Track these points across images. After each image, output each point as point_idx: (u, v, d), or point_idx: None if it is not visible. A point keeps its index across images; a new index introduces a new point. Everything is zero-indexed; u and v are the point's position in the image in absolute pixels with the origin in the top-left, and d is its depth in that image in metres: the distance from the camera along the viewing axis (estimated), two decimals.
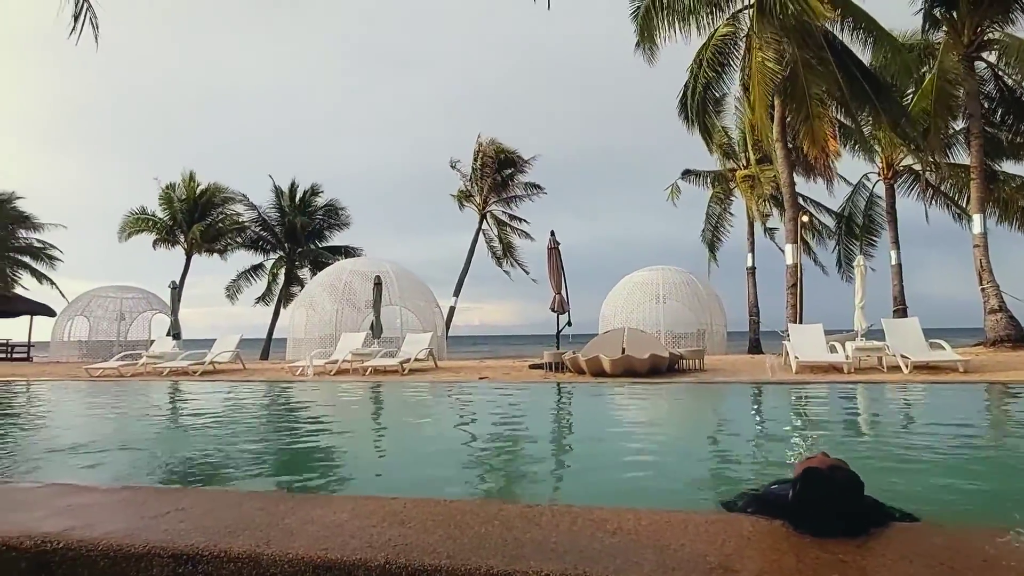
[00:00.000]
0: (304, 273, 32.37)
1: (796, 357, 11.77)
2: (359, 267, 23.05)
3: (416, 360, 14.61)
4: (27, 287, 31.81)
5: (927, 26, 19.21)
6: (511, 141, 32.21)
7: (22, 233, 31.65)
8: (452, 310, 30.42)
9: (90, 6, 6.49)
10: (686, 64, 19.28)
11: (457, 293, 31.36)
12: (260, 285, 32.77)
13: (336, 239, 33.66)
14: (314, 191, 32.98)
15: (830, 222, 26.50)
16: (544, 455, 5.21)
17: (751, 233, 25.73)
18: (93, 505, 2.13)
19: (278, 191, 32.50)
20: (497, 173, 31.73)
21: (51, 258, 31.98)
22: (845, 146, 21.28)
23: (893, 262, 22.55)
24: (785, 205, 18.40)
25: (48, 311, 31.22)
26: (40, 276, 31.62)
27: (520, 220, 33.10)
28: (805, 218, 21.60)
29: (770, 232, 26.70)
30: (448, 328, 27.77)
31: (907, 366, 11.01)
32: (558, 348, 14.05)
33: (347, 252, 32.06)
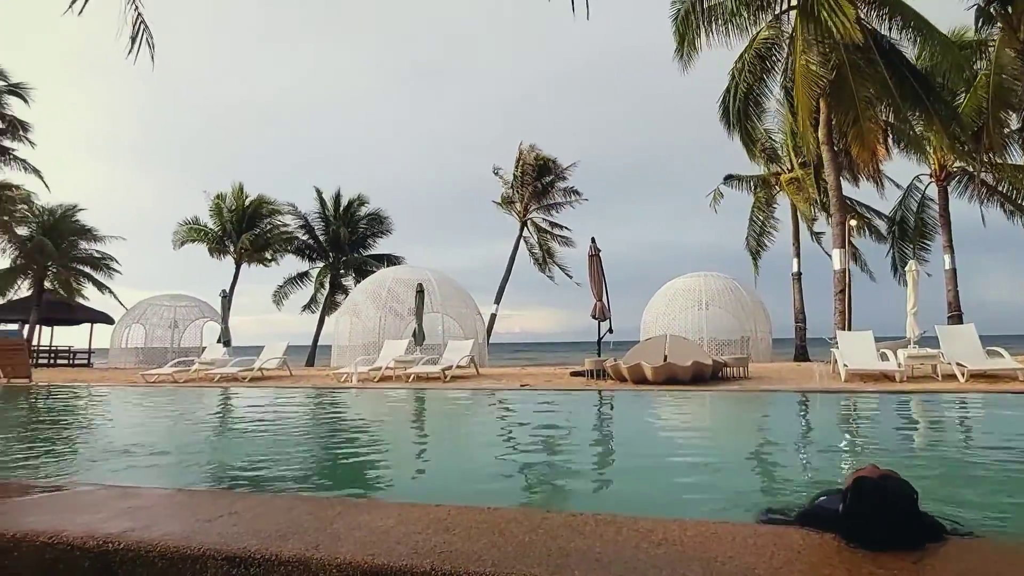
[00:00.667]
0: (348, 281, 32.96)
1: (845, 365, 11.44)
2: (401, 275, 23.35)
3: (458, 367, 14.72)
4: (88, 296, 33.23)
5: (980, 22, 18.54)
6: (551, 149, 32.40)
7: (83, 245, 33.08)
8: (493, 317, 30.55)
9: (147, 27, 6.77)
10: (727, 68, 19.04)
11: (498, 300, 31.50)
12: (306, 293, 33.52)
13: (379, 247, 34.24)
14: (360, 201, 33.61)
15: (881, 226, 25.72)
16: (587, 463, 5.18)
17: (796, 238, 25.16)
18: (151, 507, 2.21)
19: (322, 201, 33.23)
20: (537, 180, 31.84)
21: (110, 268, 33.32)
22: (898, 147, 20.66)
23: (947, 267, 21.75)
24: (832, 209, 17.93)
25: (107, 319, 32.56)
26: (100, 286, 32.95)
27: (560, 227, 33.13)
28: (853, 222, 20.98)
29: (817, 236, 26.06)
30: (489, 335, 27.88)
31: (963, 375, 10.58)
32: (599, 355, 13.96)
33: (390, 260, 32.53)
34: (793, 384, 11.27)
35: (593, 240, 15.69)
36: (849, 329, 15.91)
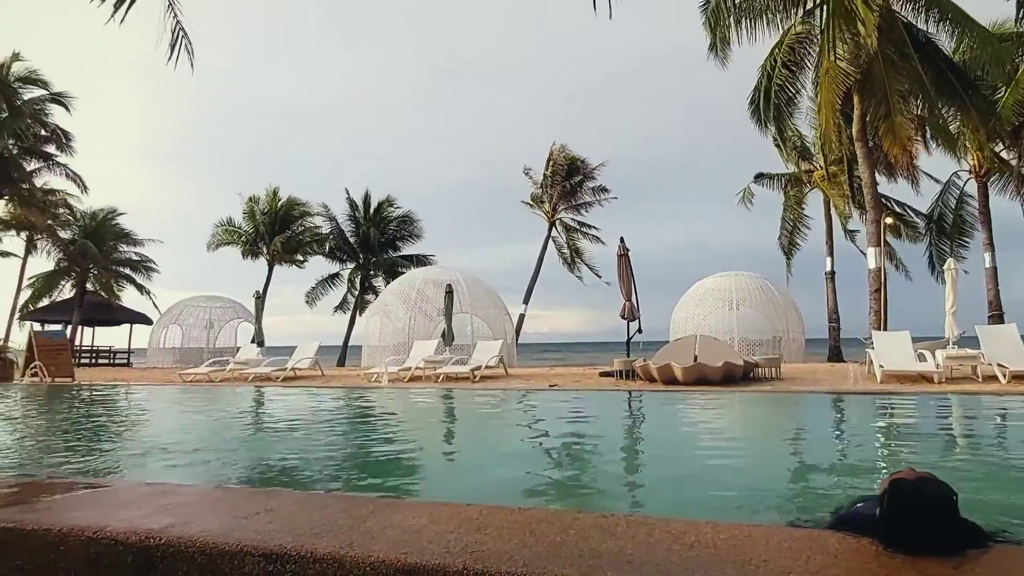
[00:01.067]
0: (379, 282, 33.30)
1: (881, 366, 11.18)
2: (431, 275, 23.50)
3: (487, 367, 14.76)
4: (126, 298, 34.19)
5: (1021, 14, 17.94)
6: (581, 149, 32.45)
7: (122, 247, 34.02)
8: (522, 317, 30.59)
9: (185, 34, 6.95)
10: (757, 66, 18.79)
11: (527, 300, 31.53)
12: (337, 294, 33.95)
13: (409, 248, 34.52)
14: (389, 203, 33.92)
15: (919, 223, 25.08)
16: (617, 464, 5.16)
17: (829, 237, 24.67)
18: (189, 504, 2.27)
19: (352, 203, 33.61)
20: (567, 180, 31.81)
21: (148, 270, 34.21)
22: (935, 143, 20.13)
23: (988, 265, 21.10)
24: (866, 206, 17.54)
25: (146, 320, 33.42)
26: (139, 287, 33.84)
27: (589, 226, 33.04)
28: (889, 220, 20.48)
29: (851, 234, 25.53)
30: (518, 335, 27.91)
31: (1005, 376, 10.27)
32: (628, 356, 13.87)
33: (419, 261, 32.78)
34: (827, 385, 11.06)
35: (622, 240, 15.60)
36: (885, 329, 15.56)
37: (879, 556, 1.66)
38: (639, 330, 15.32)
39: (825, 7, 15.67)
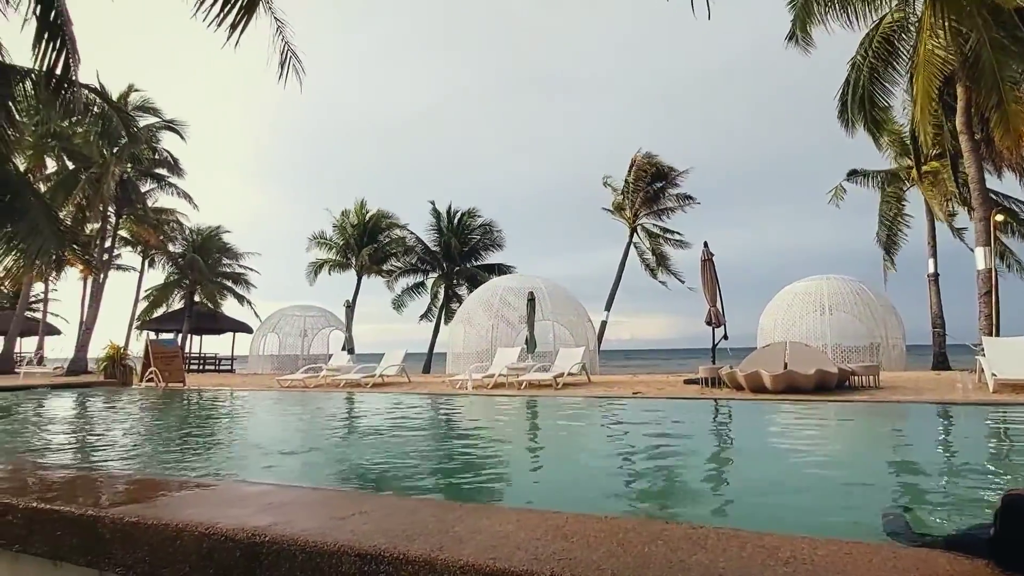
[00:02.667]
0: (462, 291, 33.92)
1: (994, 374, 10.31)
2: (512, 284, 23.71)
3: (569, 375, 14.71)
4: (229, 308, 36.51)
5: None
6: (663, 153, 31.82)
7: (225, 261, 36.36)
8: (604, 324, 30.29)
9: (294, 54, 7.41)
10: (845, 60, 17.88)
11: (609, 307, 31.21)
12: (421, 303, 34.83)
13: (490, 257, 35.00)
14: (471, 213, 34.56)
15: None
16: (705, 475, 5.02)
17: (932, 236, 23.00)
18: (289, 504, 2.38)
19: (437, 213, 34.44)
20: (650, 186, 31.37)
21: (248, 282, 36.36)
22: None
23: None
24: (974, 204, 16.27)
25: (247, 328, 35.52)
26: (240, 298, 36.02)
27: (672, 232, 32.39)
28: (999, 217, 18.87)
29: (959, 233, 23.73)
30: (600, 342, 27.65)
31: None
32: (714, 363, 13.47)
33: (500, 270, 33.16)
34: (932, 395, 10.31)
35: (706, 244, 15.20)
36: (996, 334, 14.38)
37: None
38: (725, 336, 14.87)
39: None
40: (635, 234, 32.68)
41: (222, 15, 7.44)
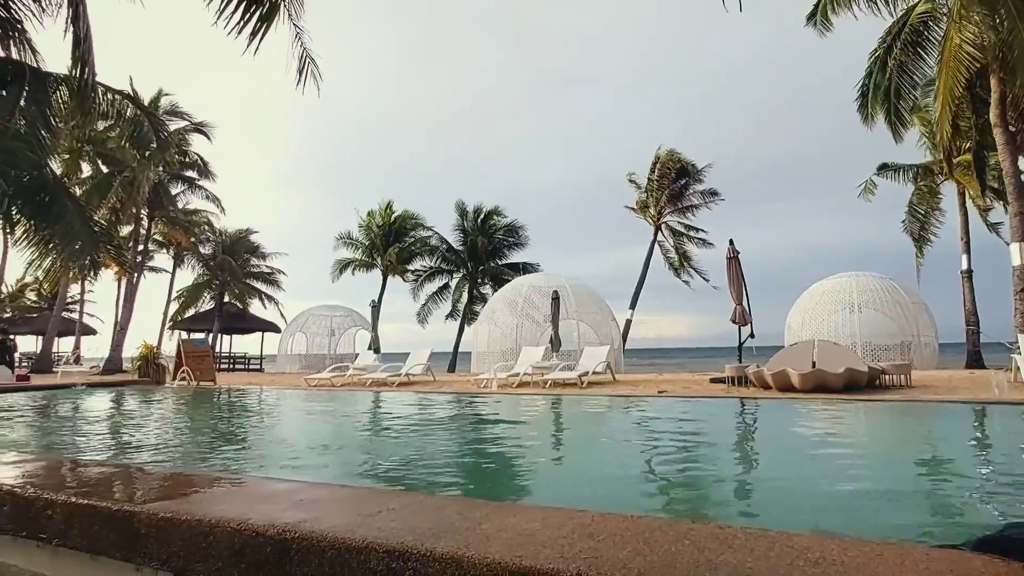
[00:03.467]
0: (486, 290, 33.99)
1: None
2: (537, 282, 23.69)
3: (594, 373, 14.65)
4: (256, 308, 37.10)
5: None
6: (686, 151, 31.57)
7: (254, 261, 36.95)
8: (628, 323, 30.14)
9: (312, 60, 7.54)
10: (867, 52, 17.53)
11: (633, 306, 31.03)
12: (446, 307, 34.92)
13: (514, 256, 35.02)
14: (495, 212, 34.60)
15: None
16: (731, 475, 4.97)
17: (965, 231, 22.42)
18: (318, 501, 2.41)
19: (462, 213, 34.53)
20: (674, 183, 31.11)
21: (276, 283, 36.90)
22: None
23: None
24: (1009, 198, 15.81)
25: (275, 328, 36.03)
26: (268, 298, 36.56)
27: (696, 230, 32.09)
28: None
29: (994, 228, 23.10)
30: (625, 341, 27.52)
31: None
32: (740, 361, 13.32)
33: (525, 269, 33.16)
34: (966, 394, 10.06)
35: (731, 242, 15.04)
36: None
37: None
38: (751, 335, 14.69)
39: None
40: (659, 232, 32.45)
41: (242, 23, 7.60)
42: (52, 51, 11.83)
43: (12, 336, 26.21)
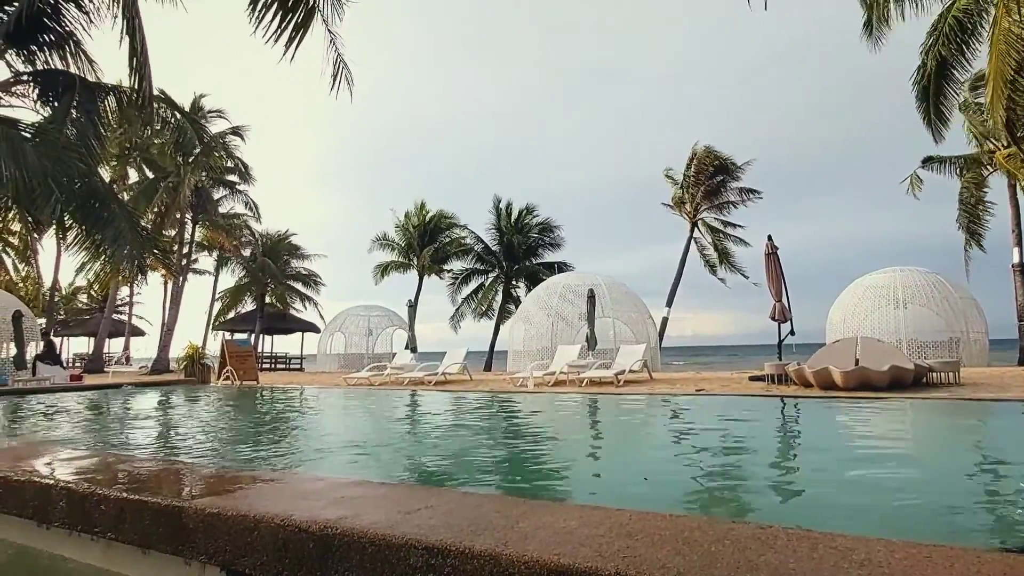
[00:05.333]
0: (521, 289, 33.99)
1: None
2: (571, 281, 23.62)
3: (630, 371, 14.55)
4: (298, 309, 37.84)
5: None
6: (724, 146, 31.19)
7: (294, 263, 37.68)
8: (665, 321, 29.82)
9: (345, 65, 7.66)
10: (917, 44, 16.97)
11: (670, 303, 30.70)
12: (481, 308, 34.95)
13: (549, 256, 34.93)
14: (529, 211, 34.58)
15: None
16: (773, 475, 4.88)
17: (1016, 224, 21.57)
18: (358, 498, 2.45)
19: (497, 211, 34.57)
20: (711, 180, 30.68)
21: (316, 283, 37.56)
22: None
23: None
24: None
25: (314, 328, 36.69)
26: (307, 299, 37.25)
27: (734, 226, 31.58)
28: None
29: None
30: (661, 339, 27.24)
31: None
32: (780, 359, 13.06)
33: (559, 268, 33.07)
34: (1019, 391, 9.69)
35: (770, 238, 14.73)
36: None
37: None
38: (791, 332, 14.39)
39: None
40: (695, 229, 32.03)
41: (279, 31, 7.76)
42: (106, 62, 12.30)
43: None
